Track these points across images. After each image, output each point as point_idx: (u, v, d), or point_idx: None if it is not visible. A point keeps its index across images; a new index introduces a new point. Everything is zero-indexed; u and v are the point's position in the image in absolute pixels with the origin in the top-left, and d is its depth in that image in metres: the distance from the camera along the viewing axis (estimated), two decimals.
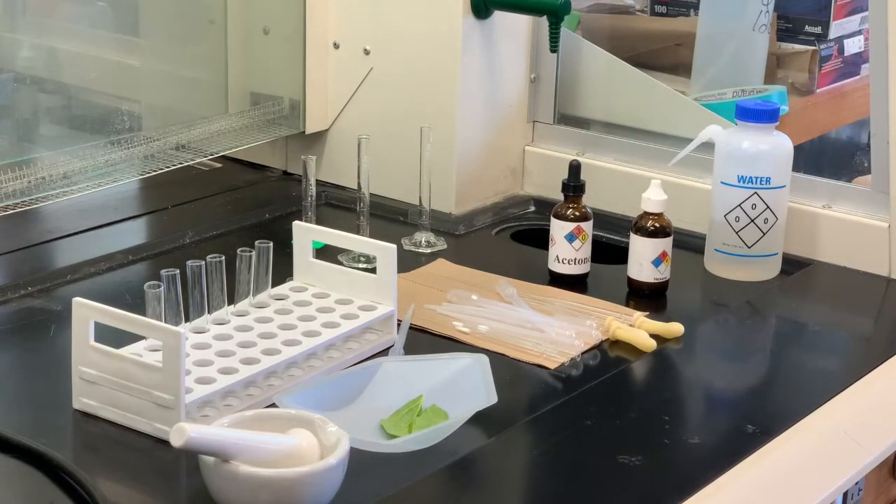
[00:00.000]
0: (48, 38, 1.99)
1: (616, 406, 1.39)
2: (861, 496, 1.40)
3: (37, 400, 1.36)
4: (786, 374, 1.49)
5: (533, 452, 1.34)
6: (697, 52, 2.16)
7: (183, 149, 1.86)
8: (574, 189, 1.68)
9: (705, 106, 1.97)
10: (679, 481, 1.24)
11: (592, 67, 1.98)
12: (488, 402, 1.29)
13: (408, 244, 1.78)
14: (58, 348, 1.43)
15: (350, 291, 1.51)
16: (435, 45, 1.86)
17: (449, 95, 1.87)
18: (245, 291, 1.46)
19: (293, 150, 2.02)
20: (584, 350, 1.49)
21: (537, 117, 1.99)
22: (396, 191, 1.90)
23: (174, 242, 1.76)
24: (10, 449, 1.23)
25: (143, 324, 1.28)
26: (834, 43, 2.26)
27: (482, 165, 1.93)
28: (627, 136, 1.95)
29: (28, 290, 1.60)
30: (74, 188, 1.70)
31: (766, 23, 2.15)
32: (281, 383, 1.36)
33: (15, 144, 1.85)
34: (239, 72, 2.01)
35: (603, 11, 2.39)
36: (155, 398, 1.26)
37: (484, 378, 1.33)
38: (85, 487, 1.16)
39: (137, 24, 2.01)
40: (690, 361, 1.54)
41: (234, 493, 1.12)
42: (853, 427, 1.37)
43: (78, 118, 1.95)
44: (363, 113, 1.95)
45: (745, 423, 1.35)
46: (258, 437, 1.14)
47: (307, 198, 1.69)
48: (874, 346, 1.57)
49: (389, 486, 1.21)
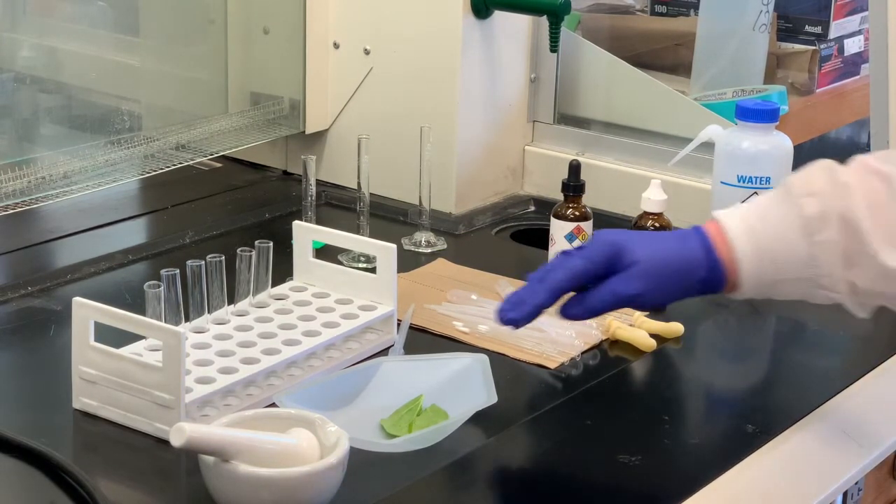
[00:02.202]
0: (48, 38, 1.99)
1: (616, 406, 1.39)
2: (861, 496, 1.40)
3: (37, 400, 1.36)
4: (786, 374, 1.49)
5: (533, 452, 1.34)
6: (697, 52, 2.16)
7: (183, 149, 1.86)
8: (574, 189, 1.67)
9: (705, 106, 1.97)
10: (679, 481, 1.24)
11: (592, 67, 1.98)
12: (488, 402, 1.29)
13: (408, 244, 1.78)
14: (58, 348, 1.43)
15: (350, 291, 1.51)
16: (435, 45, 1.86)
17: (449, 95, 1.87)
18: (245, 291, 1.46)
19: (293, 150, 2.02)
20: (584, 350, 1.49)
21: (537, 117, 1.99)
22: (396, 191, 1.90)
23: (174, 242, 1.76)
24: (10, 449, 1.23)
25: (143, 324, 1.28)
26: (834, 43, 2.25)
27: (482, 165, 1.93)
28: (627, 136, 1.95)
29: (28, 290, 1.59)
30: (74, 188, 1.70)
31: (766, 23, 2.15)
32: (281, 383, 1.36)
33: (15, 144, 1.85)
34: (239, 72, 2.01)
35: (603, 11, 2.39)
36: (155, 398, 1.26)
37: (484, 378, 1.33)
38: (85, 487, 1.16)
39: (137, 24, 2.00)
40: (690, 361, 1.54)
41: (234, 493, 1.12)
42: (853, 427, 1.37)
43: (78, 118, 1.95)
44: (363, 113, 1.95)
45: (745, 423, 1.35)
46: (258, 437, 1.14)
47: (307, 198, 1.69)
48: (874, 346, 1.57)
49: (389, 486, 1.21)
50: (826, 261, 1.19)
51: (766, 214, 1.21)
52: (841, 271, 1.19)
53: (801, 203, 1.19)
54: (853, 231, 1.18)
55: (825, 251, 1.18)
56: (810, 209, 1.19)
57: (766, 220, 1.21)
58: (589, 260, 1.21)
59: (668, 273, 1.21)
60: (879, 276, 1.18)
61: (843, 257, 1.18)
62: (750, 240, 1.21)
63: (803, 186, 1.20)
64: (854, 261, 1.18)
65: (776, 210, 1.21)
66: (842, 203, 1.18)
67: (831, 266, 1.19)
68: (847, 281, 1.19)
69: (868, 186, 1.19)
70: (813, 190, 1.20)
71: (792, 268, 1.20)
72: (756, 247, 1.20)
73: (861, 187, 1.19)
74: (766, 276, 1.20)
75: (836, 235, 1.18)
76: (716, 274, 1.21)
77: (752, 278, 1.21)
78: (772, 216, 1.21)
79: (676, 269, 1.21)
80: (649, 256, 1.21)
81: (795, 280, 1.21)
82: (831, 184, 1.20)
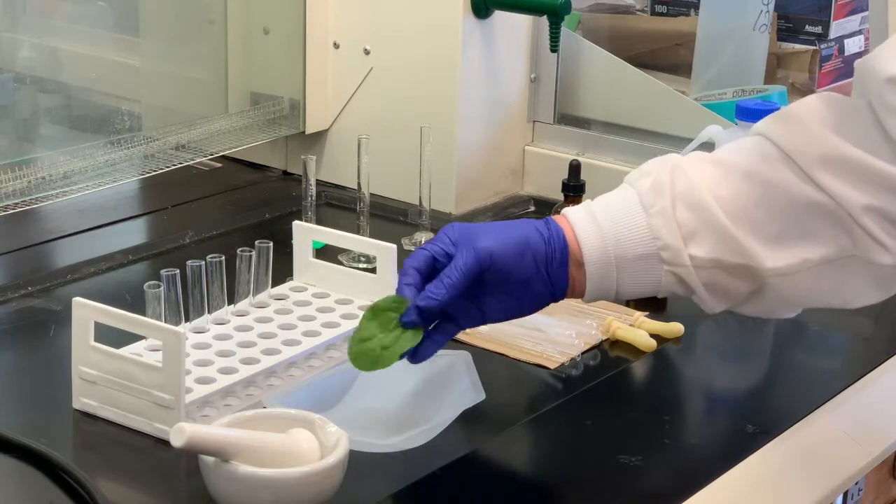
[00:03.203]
0: (48, 38, 1.99)
1: (616, 406, 1.39)
2: (861, 496, 1.40)
3: (37, 400, 1.36)
4: (786, 374, 1.49)
5: (533, 452, 1.34)
6: (697, 52, 2.16)
7: (183, 149, 1.86)
8: (574, 189, 1.67)
9: (705, 106, 1.97)
10: (679, 481, 1.24)
11: (592, 67, 1.98)
12: (477, 399, 1.28)
13: (408, 244, 1.78)
14: (58, 348, 1.43)
15: (350, 291, 1.51)
16: (435, 44, 1.86)
17: (449, 95, 1.87)
18: (245, 291, 1.46)
19: (293, 150, 2.02)
20: (584, 350, 1.49)
21: (537, 117, 1.99)
22: (396, 191, 1.90)
23: (174, 242, 1.76)
24: (10, 449, 1.23)
25: (143, 324, 1.28)
26: (834, 43, 2.25)
27: (482, 165, 1.93)
28: (627, 136, 1.95)
29: (28, 290, 1.59)
30: (74, 188, 1.70)
31: (766, 23, 2.15)
32: (281, 383, 1.36)
33: (15, 144, 1.85)
34: (239, 72, 2.01)
35: (603, 11, 2.39)
36: (155, 398, 1.26)
37: (470, 375, 1.32)
38: (85, 487, 1.16)
39: (137, 24, 2.00)
40: (690, 361, 1.54)
41: (234, 493, 1.12)
42: (853, 427, 1.37)
43: (78, 118, 1.95)
44: (363, 113, 1.95)
45: (745, 423, 1.35)
46: (258, 437, 1.14)
47: (307, 198, 1.69)
48: (874, 346, 1.57)
49: (389, 486, 1.21)
50: (665, 231, 1.20)
51: (607, 202, 1.24)
52: (680, 242, 1.20)
53: (637, 185, 1.23)
54: (692, 208, 1.19)
55: (662, 220, 1.20)
56: (645, 185, 1.22)
57: (607, 206, 1.23)
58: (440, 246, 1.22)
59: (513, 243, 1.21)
60: (720, 244, 1.19)
61: (680, 226, 1.20)
62: (590, 220, 1.22)
63: (637, 172, 1.25)
64: (697, 236, 1.20)
65: (615, 196, 1.24)
66: (674, 180, 1.21)
67: (671, 237, 1.20)
68: (688, 254, 1.20)
69: (702, 170, 1.22)
70: (646, 171, 1.24)
71: (633, 244, 1.21)
72: (597, 226, 1.21)
73: (696, 172, 1.22)
74: (609, 253, 1.21)
75: (668, 204, 1.20)
76: (557, 242, 1.21)
77: (595, 252, 1.21)
78: (612, 202, 1.24)
79: (516, 235, 1.21)
80: (494, 229, 1.22)
81: (639, 258, 1.21)
82: (661, 163, 1.23)
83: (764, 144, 1.21)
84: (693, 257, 1.20)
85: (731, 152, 1.24)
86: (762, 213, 1.19)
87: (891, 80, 1.14)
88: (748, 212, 1.19)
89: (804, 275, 1.19)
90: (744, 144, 1.24)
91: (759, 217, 1.19)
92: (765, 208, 1.19)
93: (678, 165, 1.22)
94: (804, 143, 1.18)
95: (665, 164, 1.23)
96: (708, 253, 1.20)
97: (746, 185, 1.20)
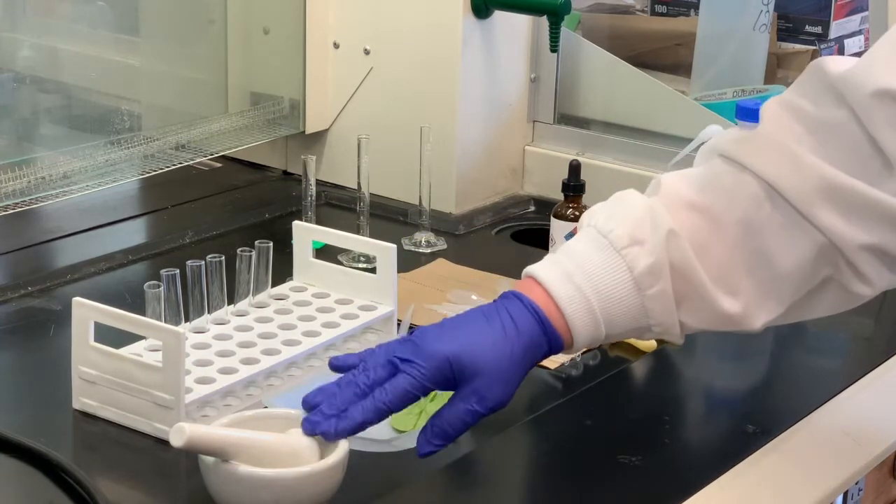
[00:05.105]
0: (48, 38, 1.99)
1: (616, 406, 1.39)
2: (861, 496, 1.40)
3: (37, 400, 1.36)
4: (786, 374, 1.49)
5: (533, 452, 1.34)
6: (697, 52, 2.16)
7: (183, 149, 1.86)
8: (574, 189, 1.67)
9: (705, 106, 1.97)
10: (679, 481, 1.24)
11: (592, 67, 1.98)
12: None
13: (408, 244, 1.78)
14: (58, 348, 1.43)
15: (350, 291, 1.51)
16: (435, 44, 1.86)
17: (449, 95, 1.87)
18: (245, 291, 1.46)
19: (293, 149, 2.02)
20: (584, 350, 1.49)
21: (537, 117, 1.99)
22: (396, 191, 1.90)
23: (174, 242, 1.76)
24: (10, 449, 1.23)
25: (143, 324, 1.28)
26: (834, 43, 2.25)
27: (482, 165, 1.93)
28: (627, 136, 1.95)
29: (28, 290, 1.60)
30: (74, 188, 1.70)
31: (766, 23, 2.15)
32: (281, 383, 1.36)
33: (15, 144, 1.85)
34: (239, 72, 2.01)
35: (603, 11, 2.39)
36: (155, 398, 1.26)
37: None
38: (85, 487, 1.16)
39: (137, 24, 2.01)
40: (690, 361, 1.54)
41: (234, 493, 1.12)
42: (853, 427, 1.37)
43: (78, 118, 1.95)
44: (363, 113, 1.95)
45: (745, 423, 1.35)
46: (258, 437, 1.14)
47: (307, 198, 1.69)
48: (874, 346, 1.57)
49: (389, 486, 1.21)
50: (660, 310, 1.17)
51: (592, 272, 1.17)
52: (674, 316, 1.18)
53: (628, 257, 1.16)
54: (685, 278, 1.16)
55: (659, 302, 1.17)
56: (640, 264, 1.16)
57: (594, 277, 1.16)
58: (423, 386, 1.14)
59: (515, 370, 1.16)
60: (712, 318, 1.19)
61: (676, 301, 1.17)
62: (583, 304, 1.16)
63: (626, 237, 1.17)
64: (686, 304, 1.18)
65: (602, 266, 1.17)
66: (670, 253, 1.16)
67: (665, 314, 1.18)
68: (680, 322, 1.19)
69: (690, 226, 1.17)
70: (637, 239, 1.17)
71: (625, 320, 1.18)
72: (589, 309, 1.16)
73: (684, 229, 1.16)
74: (600, 332, 1.18)
75: (668, 286, 1.16)
76: (556, 345, 1.18)
77: (586, 337, 1.18)
78: (600, 273, 1.17)
79: (520, 360, 1.16)
80: (492, 362, 1.15)
81: (629, 331, 1.20)
82: (654, 230, 1.16)
83: (750, 184, 1.16)
84: (683, 324, 1.20)
85: (720, 199, 1.17)
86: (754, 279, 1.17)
87: (882, 92, 1.10)
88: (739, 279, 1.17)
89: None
90: (728, 186, 1.17)
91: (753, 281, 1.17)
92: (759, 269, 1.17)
93: (674, 232, 1.16)
94: (798, 177, 1.14)
95: (658, 233, 1.16)
96: (699, 324, 1.20)
97: (738, 252, 1.17)
